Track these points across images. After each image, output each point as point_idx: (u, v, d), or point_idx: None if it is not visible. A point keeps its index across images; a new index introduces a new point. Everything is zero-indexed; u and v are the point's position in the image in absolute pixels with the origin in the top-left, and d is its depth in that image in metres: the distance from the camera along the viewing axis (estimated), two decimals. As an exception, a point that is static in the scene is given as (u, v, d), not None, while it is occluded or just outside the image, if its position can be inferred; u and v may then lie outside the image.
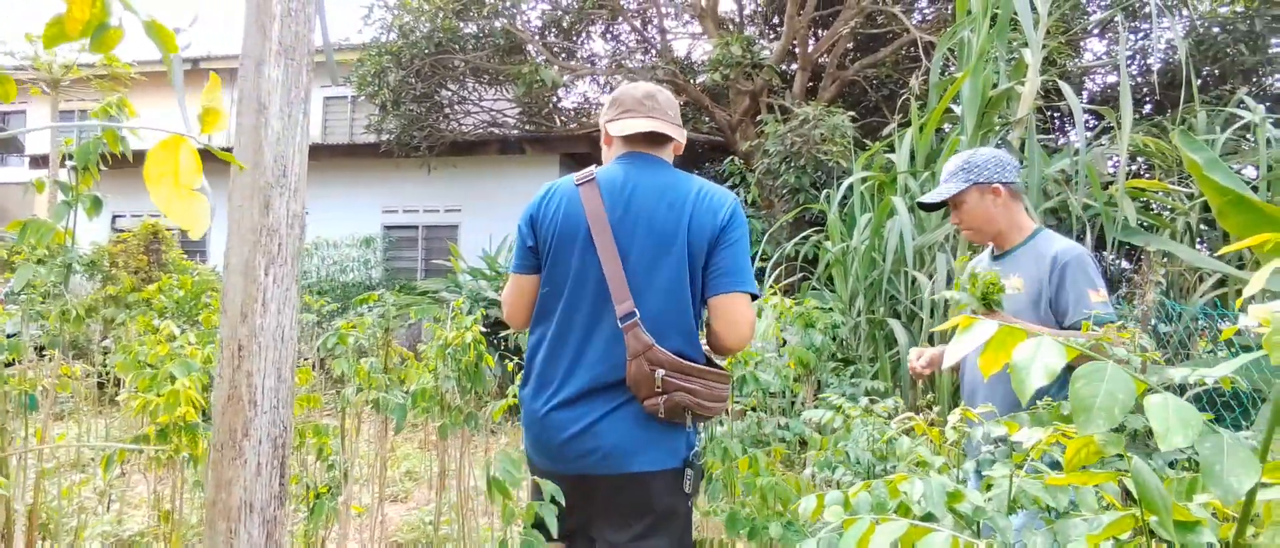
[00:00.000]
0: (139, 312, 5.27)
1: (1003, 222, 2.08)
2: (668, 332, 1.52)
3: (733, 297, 1.52)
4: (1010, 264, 2.07)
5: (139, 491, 3.92)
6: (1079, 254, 1.95)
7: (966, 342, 0.54)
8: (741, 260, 1.55)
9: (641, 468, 1.51)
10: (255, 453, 1.10)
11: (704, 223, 1.54)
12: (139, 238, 9.06)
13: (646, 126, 1.60)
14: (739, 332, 1.53)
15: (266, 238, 1.09)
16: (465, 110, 10.60)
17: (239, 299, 1.10)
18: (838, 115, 6.93)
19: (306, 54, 1.15)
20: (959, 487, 0.95)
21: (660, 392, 1.47)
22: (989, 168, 2.06)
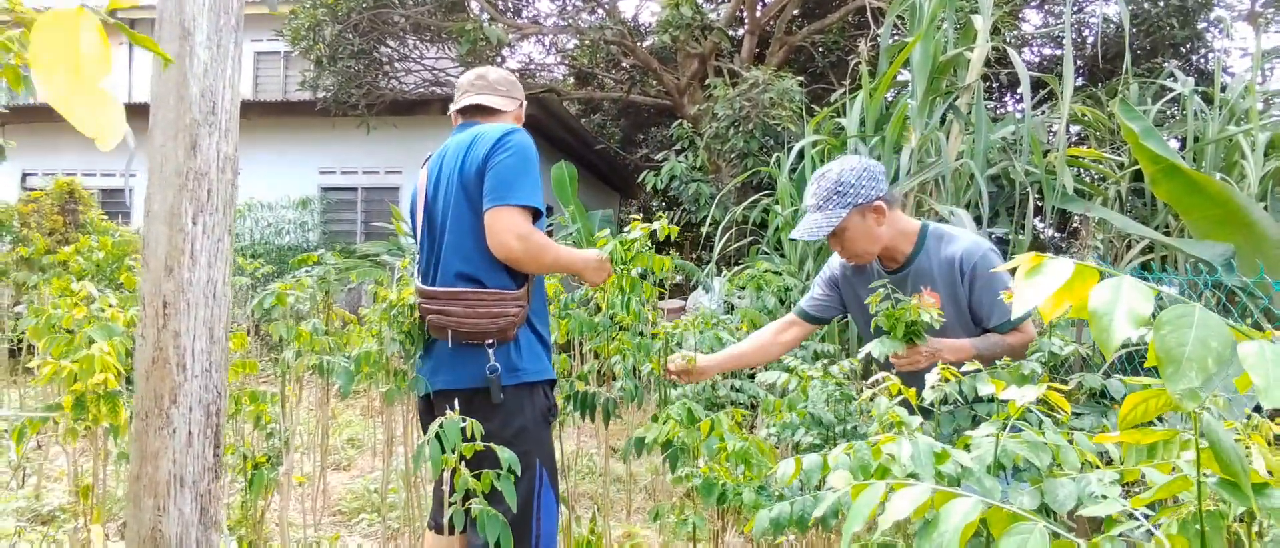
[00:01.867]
0: (54, 275, 4.95)
1: (889, 235, 1.90)
2: (451, 262, 1.79)
3: (491, 212, 1.70)
4: (914, 276, 1.92)
5: (58, 464, 3.70)
6: (983, 253, 1.84)
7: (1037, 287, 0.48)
8: (501, 180, 1.71)
9: (443, 385, 1.79)
10: (185, 422, 0.99)
11: (474, 158, 1.76)
12: (53, 197, 8.49)
13: (465, 102, 1.94)
14: (500, 240, 1.70)
15: (194, 182, 0.97)
16: (406, 68, 10.22)
17: (163, 251, 0.98)
18: (787, 80, 6.91)
19: (237, -22, 1.02)
20: (945, 447, 0.92)
21: (423, 316, 1.80)
22: (863, 185, 1.85)
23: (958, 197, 3.95)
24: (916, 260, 1.92)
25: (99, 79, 0.48)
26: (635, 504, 3.52)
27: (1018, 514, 0.59)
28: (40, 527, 2.77)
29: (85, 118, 0.47)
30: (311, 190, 10.21)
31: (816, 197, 1.90)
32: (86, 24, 0.46)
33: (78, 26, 0.46)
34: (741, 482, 1.56)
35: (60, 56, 0.46)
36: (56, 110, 0.47)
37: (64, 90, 0.46)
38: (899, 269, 1.96)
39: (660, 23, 8.32)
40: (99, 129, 0.47)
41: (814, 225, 1.87)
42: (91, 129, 0.48)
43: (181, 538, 0.98)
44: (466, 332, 1.73)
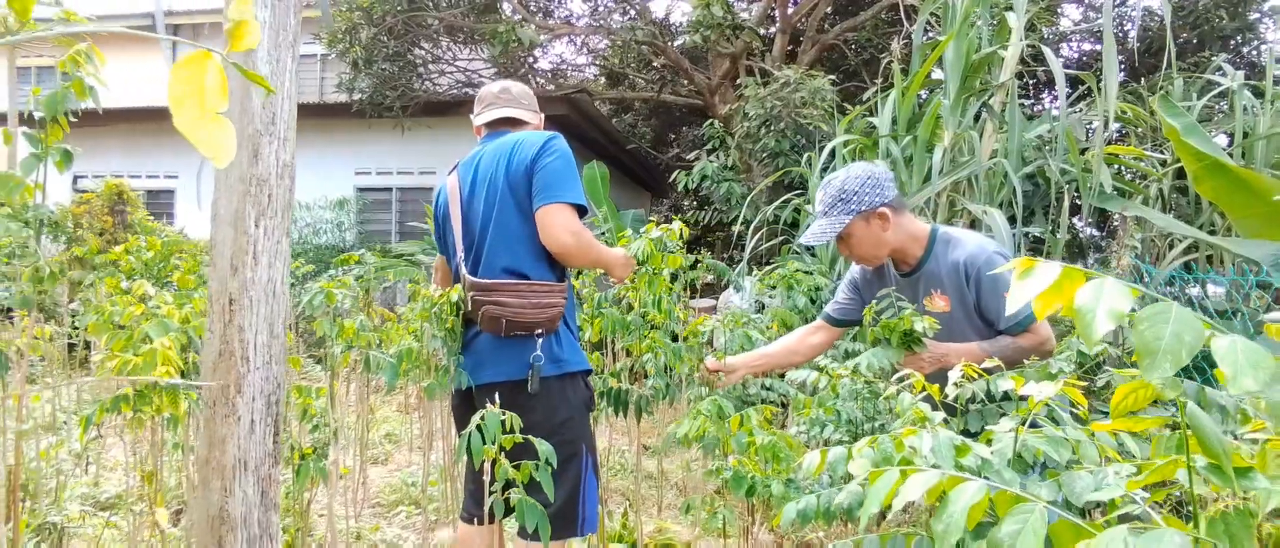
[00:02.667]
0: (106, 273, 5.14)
1: (896, 240, 1.95)
2: (497, 257, 1.87)
3: (544, 210, 1.81)
4: (925, 280, 1.97)
5: (113, 454, 3.86)
6: (987, 256, 1.86)
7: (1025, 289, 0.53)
8: (552, 180, 1.82)
9: (489, 379, 1.86)
10: (248, 410, 1.07)
11: (520, 160, 1.85)
12: (103, 198, 8.80)
13: (493, 115, 2.04)
14: (553, 236, 1.80)
15: (256, 188, 1.05)
16: (439, 70, 10.38)
17: (229, 252, 1.06)
18: (819, 79, 6.89)
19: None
20: (965, 440, 0.95)
21: (475, 308, 1.83)
22: (867, 192, 1.91)
23: (991, 196, 3.93)
24: (926, 264, 1.96)
25: (219, 109, 0.55)
26: (666, 501, 3.57)
27: (1022, 496, 0.63)
28: (101, 512, 2.91)
29: (206, 140, 0.54)
30: (348, 191, 10.41)
31: (822, 204, 1.97)
32: (211, 65, 0.53)
33: (205, 67, 0.53)
34: (770, 476, 1.60)
35: (190, 91, 0.53)
36: (184, 134, 0.54)
37: (191, 118, 0.53)
38: (911, 272, 2.00)
39: (691, 23, 8.35)
40: (216, 150, 0.55)
41: (819, 231, 1.95)
42: (210, 150, 0.55)
43: (245, 517, 1.05)
44: (521, 322, 1.80)
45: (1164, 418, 0.73)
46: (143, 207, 9.03)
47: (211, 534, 1.06)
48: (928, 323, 1.75)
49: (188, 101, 0.54)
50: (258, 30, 0.58)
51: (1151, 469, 0.64)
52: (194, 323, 2.25)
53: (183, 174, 11.19)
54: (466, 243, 1.98)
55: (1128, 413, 0.67)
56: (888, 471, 0.71)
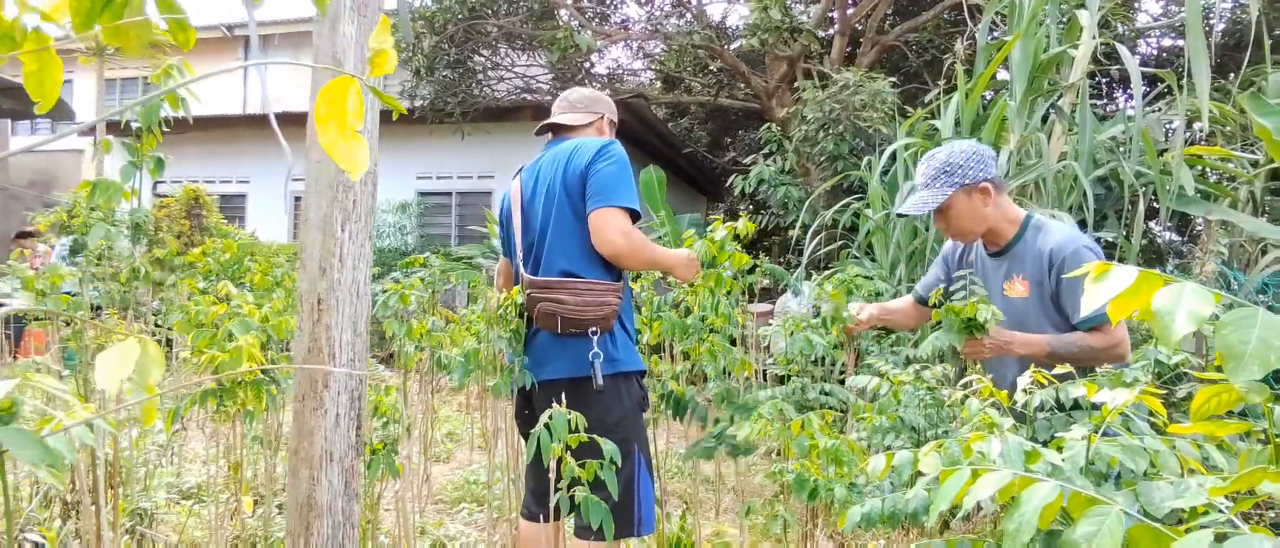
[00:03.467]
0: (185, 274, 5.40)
1: (994, 218, 1.95)
2: (554, 259, 1.93)
3: (597, 212, 1.86)
4: (1011, 262, 1.97)
5: (193, 447, 4.05)
6: (1075, 248, 1.83)
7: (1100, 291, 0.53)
8: (605, 184, 1.88)
9: (550, 375, 1.92)
10: (334, 404, 1.13)
11: (576, 165, 1.91)
12: (181, 203, 9.25)
13: (556, 121, 2.13)
14: (605, 237, 1.85)
15: (343, 194, 1.11)
16: (498, 76, 10.59)
17: (318, 254, 1.12)
18: (878, 81, 6.80)
19: (377, 10, 1.15)
20: (1037, 447, 0.94)
21: (530, 306, 1.90)
22: (972, 166, 1.92)
23: (1060, 199, 3.82)
24: (1015, 247, 1.96)
25: (357, 127, 0.60)
26: (724, 505, 3.57)
27: (1098, 499, 0.63)
28: (183, 500, 3.07)
29: (345, 155, 0.59)
30: (409, 195, 10.69)
31: (925, 175, 1.98)
32: (351, 89, 0.58)
33: (347, 90, 0.58)
34: (833, 480, 1.60)
35: (333, 112, 0.58)
36: (326, 150, 0.59)
37: (333, 136, 0.58)
38: (999, 253, 2.00)
39: (748, 26, 8.33)
40: (353, 164, 0.59)
41: (920, 201, 1.95)
42: (348, 164, 0.60)
43: (330, 505, 1.11)
44: (575, 318, 1.86)
45: (1247, 424, 0.72)
46: (217, 210, 9.46)
47: (300, 521, 1.12)
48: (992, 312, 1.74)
49: (331, 121, 0.59)
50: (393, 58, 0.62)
51: (1237, 477, 0.62)
52: (272, 322, 2.36)
53: (254, 179, 11.68)
54: (526, 245, 2.05)
55: (1208, 417, 0.66)
56: (959, 470, 0.71)
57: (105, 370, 0.54)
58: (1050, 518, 0.62)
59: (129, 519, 2.36)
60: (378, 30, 0.64)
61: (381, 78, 1.17)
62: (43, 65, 0.65)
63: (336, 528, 1.14)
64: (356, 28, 1.11)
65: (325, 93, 0.59)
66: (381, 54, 0.64)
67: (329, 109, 0.59)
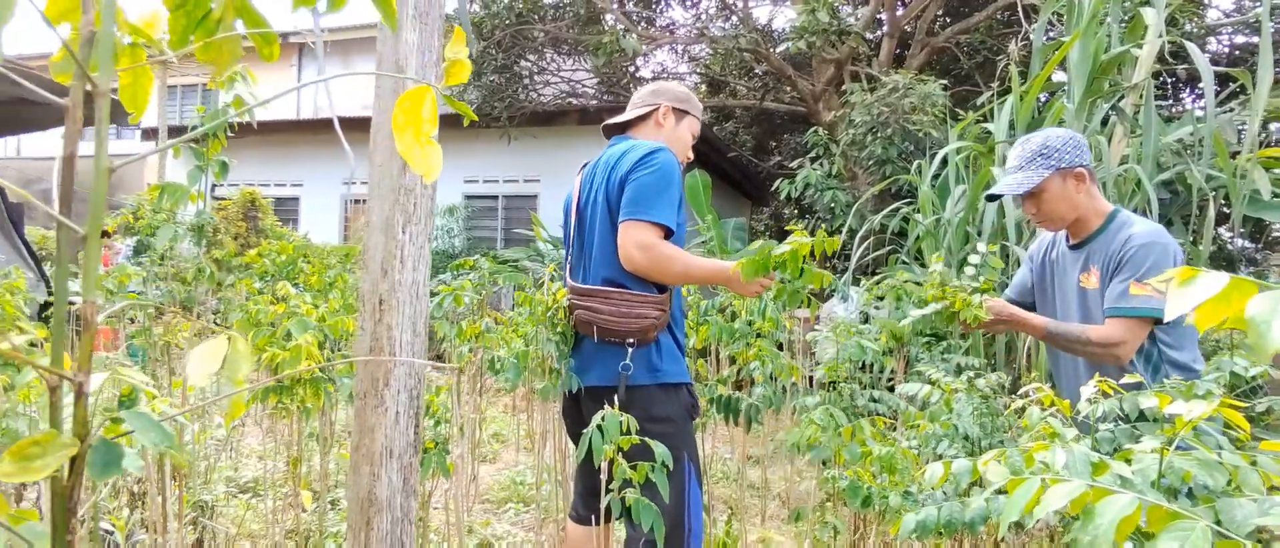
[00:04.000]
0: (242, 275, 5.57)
1: (1084, 207, 1.92)
2: (599, 269, 1.91)
3: (622, 226, 1.81)
4: (1088, 254, 1.94)
5: (249, 442, 4.18)
6: (1148, 242, 1.78)
7: (1185, 298, 0.51)
8: (636, 195, 1.81)
9: (592, 383, 1.90)
10: (395, 402, 1.15)
11: (619, 171, 1.87)
12: (238, 205, 9.56)
13: (614, 120, 2.10)
14: (625, 252, 1.80)
15: (404, 197, 1.13)
16: (544, 81, 10.69)
17: (380, 256, 1.15)
18: (929, 84, 6.68)
19: (438, 19, 1.18)
20: (1103, 458, 0.91)
21: (570, 312, 1.90)
22: (1069, 150, 1.89)
23: (1122, 204, 3.70)
24: (1097, 239, 1.92)
25: (432, 135, 0.61)
26: (770, 511, 3.54)
27: (1179, 512, 0.60)
28: (241, 494, 3.17)
29: (420, 161, 0.61)
30: (456, 199, 10.86)
31: (1019, 158, 1.96)
32: (427, 98, 0.60)
33: (423, 99, 0.60)
34: (887, 487, 1.58)
35: (410, 120, 0.59)
36: (403, 155, 0.61)
37: (410, 142, 0.60)
38: (1080, 245, 1.96)
39: (795, 29, 8.26)
40: (428, 168, 0.61)
41: (1015, 183, 1.92)
42: (423, 169, 0.61)
43: (390, 501, 1.14)
44: (610, 329, 1.83)
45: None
46: (272, 213, 9.75)
47: (361, 515, 1.15)
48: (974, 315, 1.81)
49: (408, 129, 0.61)
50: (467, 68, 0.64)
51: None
52: (329, 322, 2.42)
53: (307, 183, 12.00)
54: (576, 248, 2.04)
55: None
56: (1028, 480, 0.69)
57: (196, 365, 0.57)
58: (1127, 532, 0.60)
59: (191, 510, 2.45)
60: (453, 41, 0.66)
61: (433, 74, 1.20)
62: (136, 79, 0.68)
63: (396, 524, 1.16)
64: (418, 35, 1.13)
65: (403, 101, 0.61)
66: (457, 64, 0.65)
67: (406, 117, 0.61)
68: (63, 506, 0.52)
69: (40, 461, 0.48)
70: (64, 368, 0.54)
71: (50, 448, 0.48)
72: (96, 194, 0.52)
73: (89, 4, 0.51)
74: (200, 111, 2.14)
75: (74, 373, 0.51)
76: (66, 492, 0.51)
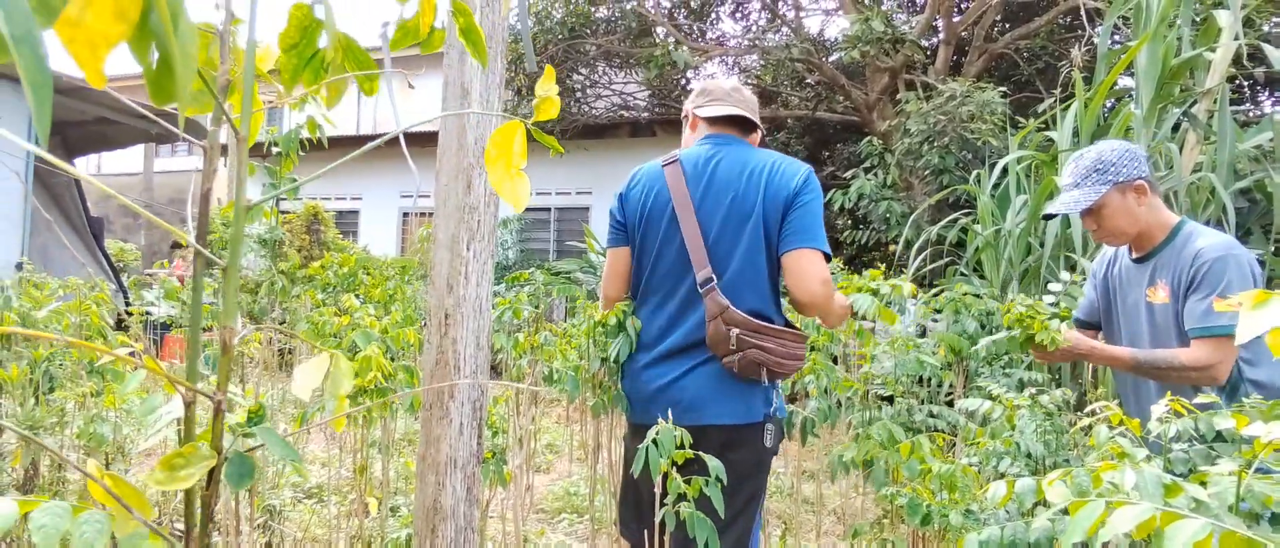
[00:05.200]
0: (306, 286, 5.78)
1: (1147, 220, 1.86)
2: (744, 294, 1.68)
3: (801, 253, 1.65)
4: (1155, 268, 1.86)
5: (313, 449, 4.32)
6: (1222, 255, 1.70)
7: (1259, 321, 0.50)
8: (811, 222, 1.68)
9: (716, 421, 1.67)
10: (459, 414, 1.19)
11: (779, 189, 1.68)
12: (302, 218, 9.91)
13: (734, 111, 1.80)
14: (808, 285, 1.65)
15: (469, 215, 1.17)
16: (596, 94, 10.82)
17: (445, 272, 1.19)
18: (987, 91, 6.53)
19: (501, 42, 1.22)
20: (1176, 479, 0.89)
21: (735, 350, 1.62)
22: (1126, 163, 1.83)
23: (1195, 213, 3.56)
24: (1162, 252, 1.86)
25: (521, 166, 0.65)
26: (825, 527, 3.50)
27: (1257, 540, 0.58)
28: (306, 500, 3.27)
29: (510, 191, 0.64)
30: (509, 212, 11.04)
31: (1075, 175, 1.91)
32: (518, 132, 0.63)
33: (515, 133, 0.63)
34: (946, 505, 1.55)
35: (501, 153, 0.63)
36: (493, 185, 0.64)
37: (500, 174, 0.63)
38: (1145, 258, 1.90)
39: (848, 38, 8.18)
40: (516, 199, 0.65)
41: (1072, 200, 1.87)
42: (511, 199, 0.65)
43: (454, 510, 1.17)
44: (779, 371, 1.66)
45: None
46: (334, 226, 10.08)
47: (427, 523, 1.19)
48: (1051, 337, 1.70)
49: (499, 160, 0.64)
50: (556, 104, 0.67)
51: None
52: (392, 333, 2.50)
53: (366, 196, 12.37)
54: (704, 256, 1.71)
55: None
56: (1091, 501, 0.68)
57: (302, 380, 0.61)
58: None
59: (261, 514, 2.55)
60: (544, 78, 0.69)
61: (496, 96, 1.24)
62: None
63: (459, 532, 1.20)
64: (482, 58, 1.17)
65: (497, 135, 0.64)
66: (548, 101, 0.68)
67: (499, 150, 0.64)
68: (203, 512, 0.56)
69: (185, 471, 0.52)
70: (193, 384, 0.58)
71: (193, 460, 0.53)
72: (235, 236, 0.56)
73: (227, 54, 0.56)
74: (273, 133, 2.24)
75: (214, 392, 0.55)
76: (207, 501, 0.56)
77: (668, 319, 1.74)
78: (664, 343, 1.74)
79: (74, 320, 2.46)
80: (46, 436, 2.06)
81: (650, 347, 1.76)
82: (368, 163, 12.00)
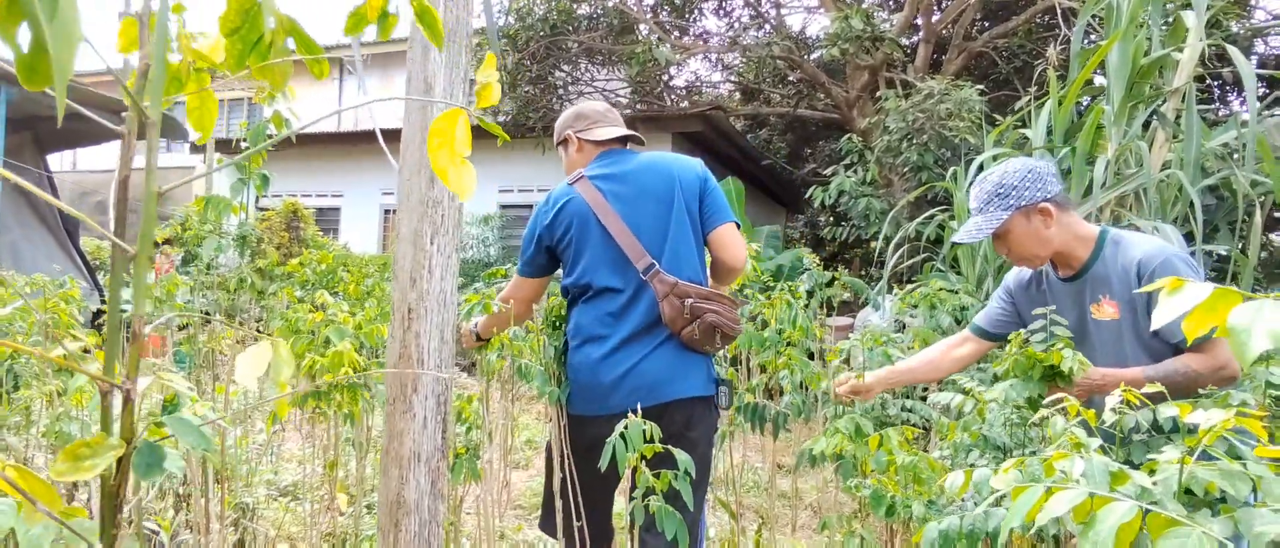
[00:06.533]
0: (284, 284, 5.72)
1: (1060, 240, 1.80)
2: (682, 271, 1.87)
3: (727, 227, 1.94)
4: (1091, 285, 1.81)
5: (288, 447, 4.28)
6: (1165, 258, 1.68)
7: (1172, 307, 0.52)
8: (724, 202, 1.96)
9: (682, 394, 1.83)
10: (423, 407, 1.19)
11: (688, 179, 1.94)
12: (281, 215, 9.81)
13: (623, 132, 2.04)
14: (737, 252, 1.93)
15: (432, 209, 1.17)
16: (578, 91, 10.80)
17: (408, 266, 1.19)
18: (965, 89, 6.60)
19: (465, 37, 1.22)
20: (1123, 468, 0.91)
21: (691, 319, 1.79)
22: (1028, 186, 1.78)
23: (1164, 210, 3.61)
24: (1093, 267, 1.82)
25: (464, 154, 0.65)
26: (800, 521, 3.52)
27: (1177, 520, 0.60)
28: (280, 497, 3.25)
29: (454, 179, 0.64)
30: (491, 208, 11.00)
31: (978, 200, 1.86)
32: (460, 121, 0.63)
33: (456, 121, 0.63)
34: (911, 496, 1.57)
35: (444, 141, 0.63)
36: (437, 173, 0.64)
37: (444, 162, 0.63)
38: (1074, 277, 1.85)
39: (829, 36, 8.23)
40: (461, 187, 0.65)
41: (974, 228, 1.84)
42: (457, 188, 0.65)
43: (418, 504, 1.17)
44: (730, 334, 1.85)
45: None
46: (314, 223, 9.99)
47: (390, 517, 1.19)
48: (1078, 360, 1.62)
49: (443, 149, 0.64)
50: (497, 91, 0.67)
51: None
52: (365, 330, 2.49)
53: (346, 193, 12.27)
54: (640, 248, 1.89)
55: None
56: (1032, 487, 0.70)
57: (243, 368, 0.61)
58: (1129, 539, 0.60)
59: (233, 512, 2.53)
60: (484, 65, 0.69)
61: (461, 91, 1.24)
62: (203, 102, 0.73)
63: (423, 526, 1.20)
64: (446, 53, 1.17)
65: (438, 123, 0.64)
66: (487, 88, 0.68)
67: (440, 138, 0.64)
68: (110, 503, 0.56)
69: (90, 461, 0.52)
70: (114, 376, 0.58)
71: (99, 449, 0.52)
72: (146, 216, 0.56)
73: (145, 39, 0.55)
74: (243, 127, 2.23)
75: (122, 380, 0.55)
76: (114, 490, 0.55)
77: (618, 309, 1.87)
78: (618, 332, 1.85)
79: (40, 318, 2.43)
80: (9, 434, 2.04)
81: (603, 338, 1.86)
82: (349, 159, 11.90)
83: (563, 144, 2.11)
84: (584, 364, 1.87)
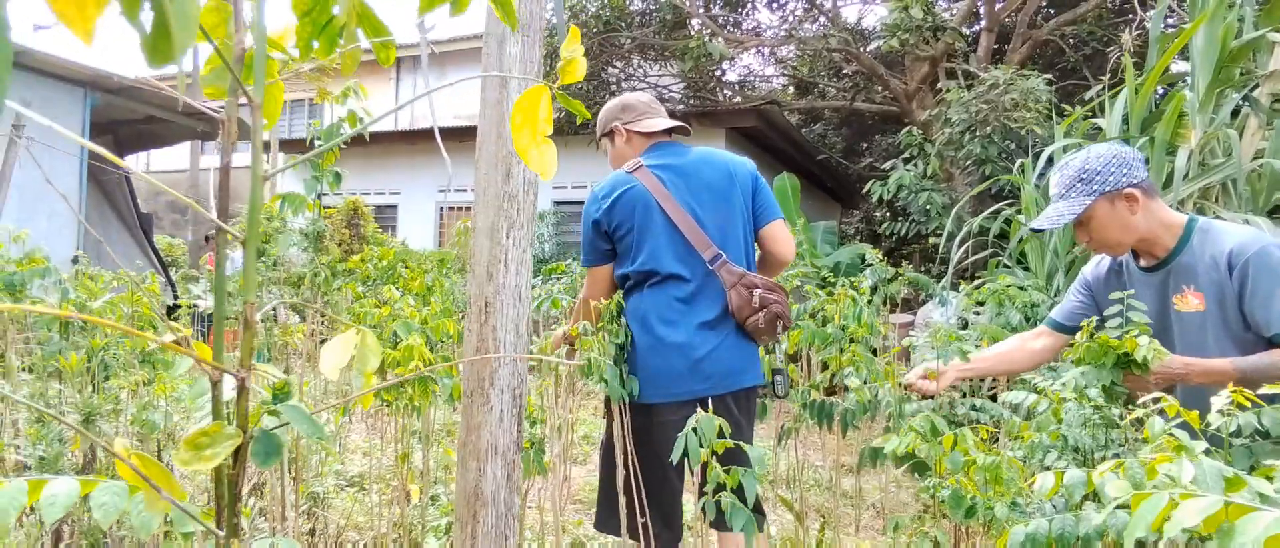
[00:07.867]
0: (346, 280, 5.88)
1: (1145, 227, 1.72)
2: (740, 262, 1.95)
3: (778, 223, 2.06)
4: (1175, 274, 1.72)
5: (353, 438, 4.39)
6: (1260, 248, 1.59)
7: None
8: (773, 198, 2.09)
9: (753, 382, 1.94)
10: (499, 400, 1.20)
11: (742, 176, 2.03)
12: (342, 213, 10.08)
13: (672, 123, 2.10)
14: (787, 247, 2.06)
15: (508, 204, 1.18)
16: (631, 87, 10.80)
17: (485, 260, 1.20)
18: (1032, 78, 6.37)
19: (539, 31, 1.22)
20: (1238, 473, 0.85)
21: (759, 308, 1.85)
22: (1113, 171, 1.70)
23: (1255, 203, 3.42)
24: (1179, 256, 1.73)
25: (547, 133, 0.64)
26: (863, 521, 3.46)
27: None
28: (349, 488, 3.34)
29: (536, 159, 0.64)
30: (546, 205, 11.10)
31: (1060, 185, 1.79)
32: (543, 98, 0.63)
33: (540, 99, 0.63)
34: (991, 497, 1.52)
35: (527, 119, 0.63)
36: (519, 154, 0.64)
37: (527, 141, 0.63)
38: (1157, 266, 1.77)
39: (887, 26, 8.04)
40: (544, 167, 0.65)
41: (1056, 214, 1.77)
42: (539, 167, 0.65)
43: (494, 496, 1.18)
44: (788, 325, 1.94)
45: None
46: (373, 220, 10.25)
47: (468, 509, 1.20)
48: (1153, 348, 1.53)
49: (525, 128, 0.64)
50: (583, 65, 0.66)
51: None
52: (432, 324, 2.53)
53: (404, 190, 12.53)
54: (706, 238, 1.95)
55: None
56: (1155, 494, 0.66)
57: (328, 358, 0.61)
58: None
59: (305, 501, 2.60)
60: (568, 40, 0.68)
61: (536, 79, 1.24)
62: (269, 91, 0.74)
63: (500, 518, 1.21)
64: (520, 47, 1.18)
65: (521, 102, 0.64)
66: (572, 63, 0.67)
67: (524, 117, 0.64)
68: (231, 490, 0.57)
69: (210, 450, 0.53)
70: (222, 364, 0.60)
71: (218, 438, 0.53)
72: (253, 201, 0.57)
73: (242, 23, 0.56)
74: (315, 126, 2.28)
75: (237, 369, 0.56)
76: (233, 479, 0.57)
77: (687, 295, 1.91)
78: (690, 319, 1.90)
79: (126, 311, 2.53)
80: (103, 422, 2.13)
81: (674, 323, 1.89)
82: (407, 158, 12.15)
83: (609, 136, 2.18)
84: (654, 349, 1.89)
